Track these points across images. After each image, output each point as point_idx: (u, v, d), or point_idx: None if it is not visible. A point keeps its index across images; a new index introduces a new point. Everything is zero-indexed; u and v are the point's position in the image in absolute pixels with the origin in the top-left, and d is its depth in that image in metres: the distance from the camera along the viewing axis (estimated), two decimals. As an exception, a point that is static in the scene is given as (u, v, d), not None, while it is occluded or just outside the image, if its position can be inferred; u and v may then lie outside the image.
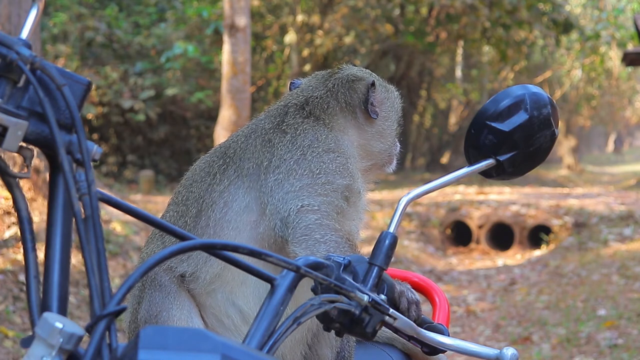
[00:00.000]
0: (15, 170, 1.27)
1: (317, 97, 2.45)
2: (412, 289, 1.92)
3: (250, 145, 2.39)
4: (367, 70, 2.57)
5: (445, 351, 1.79)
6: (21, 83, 1.28)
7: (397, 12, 22.81)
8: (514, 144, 1.86)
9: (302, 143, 2.33)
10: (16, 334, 5.97)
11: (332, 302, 1.44)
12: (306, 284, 1.49)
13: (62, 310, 1.21)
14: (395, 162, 2.58)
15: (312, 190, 2.27)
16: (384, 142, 2.51)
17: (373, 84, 2.47)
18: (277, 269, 1.35)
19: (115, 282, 7.28)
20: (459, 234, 14.04)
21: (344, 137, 2.42)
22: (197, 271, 2.31)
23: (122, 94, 18.22)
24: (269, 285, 1.37)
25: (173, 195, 2.50)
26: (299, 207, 2.24)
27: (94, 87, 16.11)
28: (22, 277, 6.64)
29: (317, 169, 2.29)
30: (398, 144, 2.58)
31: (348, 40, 21.67)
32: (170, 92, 18.25)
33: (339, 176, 2.31)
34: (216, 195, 2.34)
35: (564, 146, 32.39)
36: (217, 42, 18.02)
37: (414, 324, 1.65)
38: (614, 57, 29.51)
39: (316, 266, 1.43)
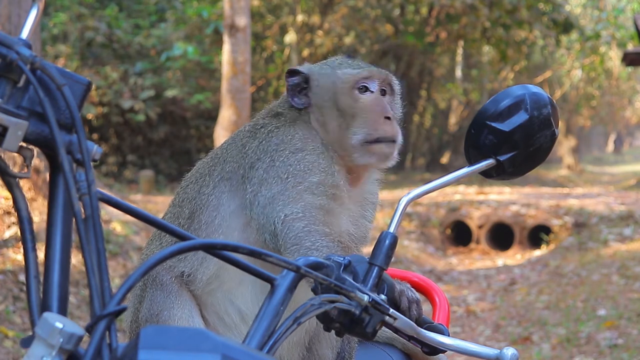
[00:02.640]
0: (15, 170, 1.27)
1: (285, 95, 2.45)
2: (411, 288, 1.92)
3: (232, 149, 2.40)
4: (318, 63, 2.45)
5: (445, 351, 1.79)
6: (21, 83, 1.28)
7: (397, 12, 22.82)
8: (514, 144, 1.86)
9: (268, 147, 2.30)
10: (16, 334, 5.97)
11: (332, 302, 1.44)
12: (306, 284, 1.49)
13: (62, 310, 1.21)
14: (364, 155, 2.31)
15: (286, 198, 2.23)
16: (331, 131, 2.35)
17: (290, 73, 2.38)
18: (277, 269, 1.35)
19: (115, 282, 7.27)
20: (459, 234, 14.04)
21: (311, 131, 2.35)
22: (193, 272, 2.32)
23: (122, 94, 18.21)
24: (266, 285, 1.37)
25: (174, 196, 2.53)
26: (282, 217, 2.21)
27: (94, 87, 16.11)
28: (22, 277, 6.64)
29: (285, 174, 2.25)
30: (360, 134, 2.31)
31: (348, 40, 21.67)
32: (170, 93, 18.25)
33: (310, 174, 2.26)
34: (204, 198, 2.35)
35: (564, 146, 32.38)
36: (217, 42, 18.01)
37: (414, 324, 1.65)
38: (614, 57, 29.50)
39: (316, 266, 1.43)
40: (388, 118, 2.31)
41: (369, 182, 2.46)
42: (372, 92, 2.36)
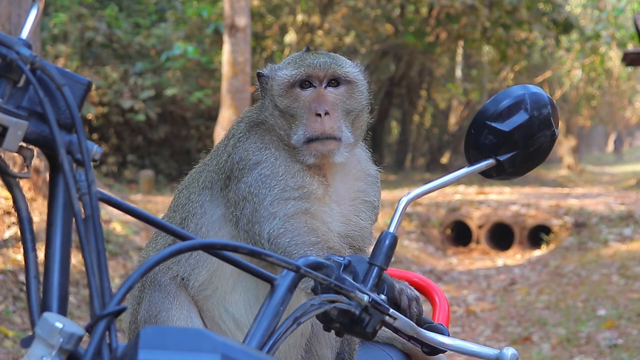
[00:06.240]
0: (15, 170, 1.27)
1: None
2: (409, 286, 1.92)
3: (214, 157, 2.41)
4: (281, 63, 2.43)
5: (445, 351, 1.79)
6: (21, 83, 1.28)
7: (397, 12, 22.82)
8: (514, 144, 1.85)
9: (233, 165, 2.29)
10: (16, 334, 5.97)
11: (332, 302, 1.44)
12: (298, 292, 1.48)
13: (62, 310, 1.21)
14: (307, 155, 2.27)
15: (259, 217, 2.22)
16: (280, 132, 2.33)
17: (258, 75, 2.41)
18: (277, 268, 1.35)
19: (115, 282, 7.27)
20: (459, 234, 14.03)
21: (265, 138, 2.34)
22: (187, 276, 2.32)
23: (122, 94, 18.20)
24: (259, 293, 1.37)
25: (173, 197, 2.54)
26: (266, 237, 2.21)
27: (94, 87, 16.10)
28: (22, 277, 6.64)
29: (249, 195, 2.25)
30: (299, 133, 2.28)
31: (348, 40, 21.67)
32: (170, 92, 18.26)
33: (270, 188, 2.25)
34: (191, 205, 2.37)
35: (564, 146, 32.39)
36: (217, 42, 18.01)
37: (414, 324, 1.65)
38: (614, 57, 29.52)
39: (316, 266, 1.43)
40: (319, 115, 2.26)
41: (358, 179, 2.40)
42: (314, 87, 2.31)
